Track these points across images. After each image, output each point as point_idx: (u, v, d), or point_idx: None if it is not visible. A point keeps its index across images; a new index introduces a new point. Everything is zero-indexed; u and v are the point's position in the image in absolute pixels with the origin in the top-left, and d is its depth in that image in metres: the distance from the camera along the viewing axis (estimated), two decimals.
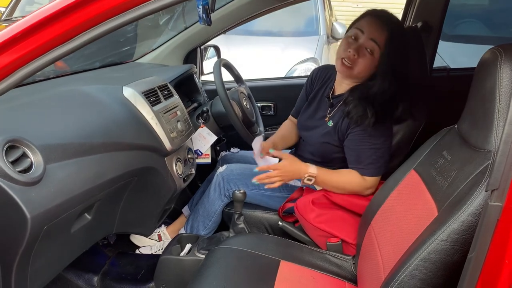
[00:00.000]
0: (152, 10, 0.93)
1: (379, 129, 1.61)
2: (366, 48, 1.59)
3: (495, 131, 0.97)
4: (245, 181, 1.83)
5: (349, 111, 1.61)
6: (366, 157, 1.61)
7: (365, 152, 1.61)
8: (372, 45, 1.58)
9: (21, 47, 0.94)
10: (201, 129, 2.09)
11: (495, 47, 1.02)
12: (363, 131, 1.61)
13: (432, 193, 1.12)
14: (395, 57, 1.59)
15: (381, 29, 1.58)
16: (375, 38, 1.57)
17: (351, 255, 1.52)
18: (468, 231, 0.91)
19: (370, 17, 1.61)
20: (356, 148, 1.63)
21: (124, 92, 1.57)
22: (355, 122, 1.60)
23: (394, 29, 1.59)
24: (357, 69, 1.61)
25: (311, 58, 4.36)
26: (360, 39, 1.60)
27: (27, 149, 1.05)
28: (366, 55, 1.59)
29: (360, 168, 1.63)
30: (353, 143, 1.64)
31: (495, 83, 0.97)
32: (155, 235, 2.03)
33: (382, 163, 1.62)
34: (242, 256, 1.43)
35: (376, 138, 1.61)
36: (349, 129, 1.64)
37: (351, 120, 1.62)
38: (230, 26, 2.32)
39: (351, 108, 1.61)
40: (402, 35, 1.63)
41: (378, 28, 1.58)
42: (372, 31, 1.58)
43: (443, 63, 2.96)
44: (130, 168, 1.44)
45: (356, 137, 1.62)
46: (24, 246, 1.04)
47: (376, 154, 1.61)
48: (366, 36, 1.58)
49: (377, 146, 1.61)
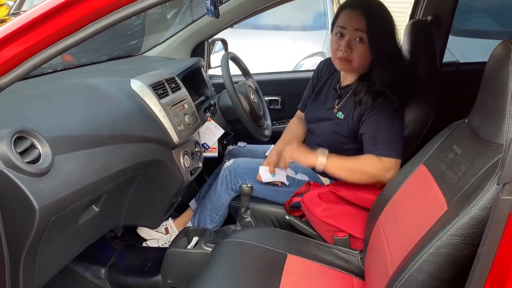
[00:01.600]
0: (159, 2, 0.93)
1: (391, 110, 1.60)
2: (355, 39, 1.62)
3: (507, 125, 0.95)
4: (252, 175, 1.83)
5: (360, 100, 1.63)
6: (382, 138, 1.59)
7: (381, 134, 1.60)
8: (358, 34, 1.62)
9: (28, 38, 0.94)
10: (208, 123, 2.09)
11: (507, 40, 1.01)
12: (376, 114, 1.61)
13: (442, 187, 1.11)
14: (382, 35, 1.62)
15: (359, 17, 1.61)
16: (358, 27, 1.61)
17: (359, 249, 1.51)
18: (479, 225, 0.90)
19: (346, 11, 1.66)
20: (372, 132, 1.62)
21: (132, 85, 1.57)
22: (368, 107, 1.61)
23: (371, 10, 1.63)
24: (356, 62, 1.64)
25: (319, 52, 4.34)
26: (346, 35, 1.64)
27: (35, 140, 1.05)
28: (358, 45, 1.62)
29: (376, 149, 1.60)
30: (368, 128, 1.63)
31: (507, 77, 0.96)
32: (162, 228, 2.03)
33: (398, 146, 1.60)
34: (249, 249, 1.43)
35: (391, 121, 1.60)
36: (362, 116, 1.64)
37: (364, 107, 1.62)
38: (238, 19, 2.31)
39: (362, 96, 1.63)
40: (380, 13, 1.65)
41: (356, 17, 1.62)
42: (353, 23, 1.62)
43: (453, 58, 2.93)
44: (138, 161, 1.44)
45: (371, 121, 1.62)
46: (32, 237, 1.04)
47: (393, 136, 1.59)
48: (350, 29, 1.62)
49: (392, 128, 1.60)
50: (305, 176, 1.85)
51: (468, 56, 3.28)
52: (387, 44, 1.63)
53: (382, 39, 1.62)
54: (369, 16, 1.60)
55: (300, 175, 1.85)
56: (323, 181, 1.85)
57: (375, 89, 1.61)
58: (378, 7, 1.66)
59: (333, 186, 1.69)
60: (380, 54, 1.62)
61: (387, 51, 1.63)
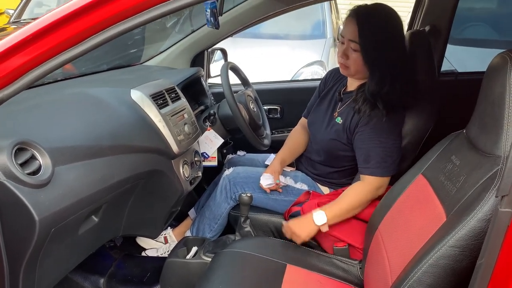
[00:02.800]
0: (160, 15, 0.94)
1: (388, 127, 1.62)
2: (350, 47, 1.66)
3: (505, 136, 0.96)
4: (251, 184, 1.83)
5: (359, 108, 1.65)
6: (375, 155, 1.61)
7: (373, 150, 1.61)
8: (352, 44, 1.65)
9: (31, 49, 0.95)
10: (208, 132, 2.09)
11: (504, 52, 1.02)
12: (371, 129, 1.62)
13: (441, 198, 1.12)
14: (372, 43, 1.63)
15: (352, 26, 1.64)
16: (352, 37, 1.65)
17: (358, 259, 1.51)
18: (478, 237, 0.90)
19: (346, 19, 1.70)
20: (365, 147, 1.64)
21: (132, 95, 1.58)
22: (365, 119, 1.63)
23: (361, 17, 1.64)
24: (353, 69, 1.69)
25: (318, 61, 4.35)
26: (344, 43, 1.69)
27: (35, 152, 1.05)
28: (352, 54, 1.66)
29: (366, 168, 1.62)
30: (361, 142, 1.65)
31: (504, 88, 0.97)
32: (161, 237, 2.03)
33: (390, 162, 1.61)
34: (248, 259, 1.43)
35: (385, 136, 1.62)
36: (357, 126, 1.66)
37: (362, 116, 1.64)
38: (238, 29, 2.32)
39: (360, 104, 1.65)
40: (374, 22, 1.65)
41: (350, 26, 1.65)
42: (348, 32, 1.66)
43: (451, 67, 2.94)
44: (138, 171, 1.44)
45: (365, 135, 1.64)
46: (32, 248, 1.04)
47: (384, 152, 1.61)
48: (346, 39, 1.67)
49: (386, 144, 1.61)
50: (304, 185, 1.85)
51: (466, 64, 3.30)
52: (381, 53, 1.63)
53: (373, 48, 1.62)
54: (361, 26, 1.63)
55: (300, 184, 1.85)
56: (323, 190, 1.85)
57: (371, 98, 1.62)
58: (373, 15, 1.65)
59: (333, 195, 1.70)
60: (373, 63, 1.64)
61: (381, 60, 1.63)
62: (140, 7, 0.92)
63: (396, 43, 1.67)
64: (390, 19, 1.66)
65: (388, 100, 1.61)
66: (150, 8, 0.92)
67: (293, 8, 2.29)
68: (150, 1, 0.92)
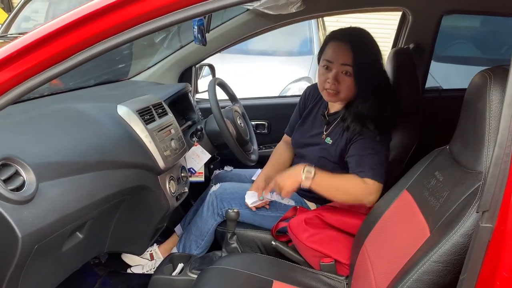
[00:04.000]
0: (147, 32, 0.95)
1: (378, 136, 1.63)
2: (342, 72, 1.66)
3: (486, 153, 0.98)
4: (238, 200, 1.83)
5: (348, 126, 1.66)
6: (368, 161, 1.62)
7: (366, 157, 1.62)
8: (345, 68, 1.65)
9: (17, 65, 0.95)
10: (195, 148, 2.09)
11: (485, 70, 1.04)
12: (365, 139, 1.64)
13: (425, 213, 1.13)
14: (367, 67, 1.65)
15: (345, 51, 1.64)
16: (345, 61, 1.65)
17: (345, 275, 1.51)
18: (460, 252, 0.91)
19: (333, 43, 1.69)
20: (358, 154, 1.64)
21: (119, 110, 1.58)
22: (358, 133, 1.64)
23: (357, 43, 1.66)
24: (343, 94, 1.69)
25: (305, 77, 4.40)
26: (333, 69, 1.67)
27: (19, 167, 1.04)
28: (345, 79, 1.66)
29: (361, 171, 1.61)
30: (355, 151, 1.66)
31: (485, 106, 0.99)
32: (147, 254, 2.00)
33: (382, 171, 1.62)
34: (235, 276, 1.42)
35: (378, 145, 1.63)
36: (350, 141, 1.67)
37: (352, 133, 1.65)
38: (225, 46, 2.34)
39: (349, 122, 1.66)
40: (366, 45, 1.69)
41: (342, 51, 1.65)
42: (340, 57, 1.65)
43: (436, 84, 2.99)
44: (124, 187, 1.43)
45: (358, 144, 1.65)
46: (14, 265, 1.02)
47: (377, 159, 1.62)
48: (337, 64, 1.66)
49: (378, 152, 1.63)
50: (292, 201, 1.85)
51: (451, 81, 3.36)
52: (371, 76, 1.66)
53: (367, 72, 1.65)
54: (355, 49, 1.64)
55: (287, 200, 1.85)
56: (309, 205, 1.85)
57: (360, 118, 1.64)
58: (365, 39, 1.70)
59: (319, 210, 1.70)
60: (364, 86, 1.65)
61: (371, 83, 1.66)
62: (128, 23, 0.93)
63: (381, 65, 1.72)
64: (374, 42, 1.71)
65: (380, 121, 1.63)
66: (137, 25, 0.93)
67: (281, 26, 2.32)
68: (138, 19, 0.93)
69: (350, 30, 1.72)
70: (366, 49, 1.67)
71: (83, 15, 0.92)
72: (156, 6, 0.92)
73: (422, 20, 2.29)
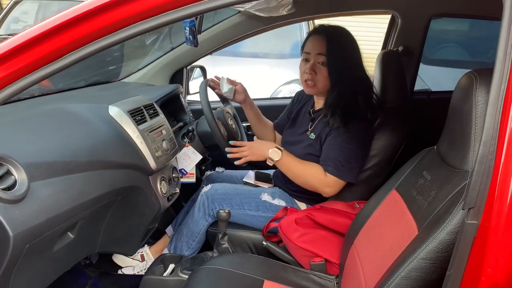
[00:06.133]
0: (138, 32, 0.96)
1: (350, 134, 1.70)
2: (318, 62, 1.75)
3: (472, 152, 1.00)
4: (229, 200, 1.84)
5: (328, 121, 1.74)
6: (334, 155, 1.70)
7: (334, 151, 1.71)
8: (321, 58, 1.75)
9: (9, 64, 0.95)
10: (186, 148, 2.10)
11: (471, 71, 1.07)
12: (337, 135, 1.72)
13: (413, 212, 1.15)
14: (340, 57, 1.74)
15: (321, 41, 1.75)
16: (320, 51, 1.75)
17: (335, 274, 1.53)
18: (447, 249, 0.93)
19: (312, 37, 1.80)
20: (327, 147, 1.74)
21: (110, 111, 1.58)
22: (334, 128, 1.72)
23: (332, 35, 1.77)
24: (320, 84, 1.78)
25: (296, 79, 4.42)
26: (310, 59, 1.77)
27: (11, 167, 1.04)
28: (321, 68, 1.76)
29: (324, 164, 1.72)
30: (326, 144, 1.75)
31: (471, 106, 1.01)
32: (138, 255, 2.00)
33: (347, 168, 1.69)
34: (226, 276, 1.43)
35: (348, 142, 1.70)
36: (327, 136, 1.75)
37: (331, 127, 1.73)
38: (217, 47, 2.35)
39: (328, 117, 1.74)
40: (341, 37, 1.79)
41: (318, 42, 1.76)
42: (316, 47, 1.76)
43: (425, 86, 3.03)
44: (115, 187, 1.43)
45: (331, 138, 1.74)
46: (5, 264, 1.02)
47: (343, 156, 1.70)
48: (313, 54, 1.76)
49: (346, 149, 1.70)
50: (282, 201, 1.87)
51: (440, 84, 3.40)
52: (343, 66, 1.74)
53: (338, 61, 1.74)
54: (329, 40, 1.74)
55: (277, 200, 1.87)
56: (300, 206, 1.87)
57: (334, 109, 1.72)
58: (340, 32, 1.79)
59: (310, 211, 1.71)
60: (335, 75, 1.74)
61: (342, 73, 1.74)
62: (120, 24, 0.94)
63: (357, 62, 1.79)
64: (352, 40, 1.80)
65: (346, 112, 1.70)
66: (128, 26, 0.94)
67: (272, 28, 2.33)
68: (130, 20, 0.94)
69: (328, 26, 1.82)
70: (339, 41, 1.77)
71: (76, 15, 0.93)
72: (148, 6, 0.93)
73: (411, 23, 2.32)
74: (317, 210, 1.68)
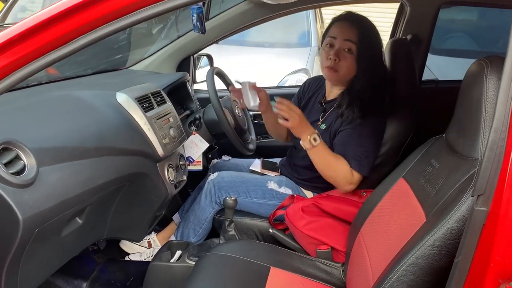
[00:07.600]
0: (144, 18, 0.95)
1: (367, 129, 1.66)
2: (344, 49, 1.69)
3: (481, 139, 0.99)
4: (236, 188, 1.84)
5: (342, 112, 1.69)
6: (352, 152, 1.65)
7: (351, 148, 1.66)
8: (348, 44, 1.68)
9: (16, 50, 0.95)
10: (193, 136, 2.10)
11: (481, 58, 1.06)
12: (352, 129, 1.67)
13: (421, 200, 1.14)
14: (370, 49, 1.69)
15: (351, 29, 1.68)
16: (349, 37, 1.68)
17: (341, 262, 1.53)
18: (455, 236, 0.93)
19: (338, 22, 1.73)
20: (343, 143, 1.68)
21: (118, 98, 1.58)
22: (348, 121, 1.67)
23: (363, 24, 1.70)
24: (342, 71, 1.71)
25: (303, 69, 4.40)
26: (335, 44, 1.70)
27: (20, 152, 1.05)
28: (347, 56, 1.69)
29: (349, 159, 1.65)
30: (341, 140, 1.70)
31: (481, 93, 1.00)
32: (145, 242, 2.02)
33: (366, 163, 1.65)
34: (232, 262, 1.44)
35: (364, 137, 1.66)
36: (340, 127, 1.70)
37: (345, 120, 1.68)
38: (224, 35, 2.34)
39: (344, 109, 1.69)
40: (371, 28, 1.73)
41: (348, 28, 1.69)
42: (344, 33, 1.69)
43: (432, 76, 3.01)
44: (123, 173, 1.44)
45: (345, 134, 1.69)
46: (15, 248, 1.03)
47: (361, 151, 1.65)
48: (340, 40, 1.69)
49: (363, 144, 1.66)
50: (289, 189, 1.87)
51: (447, 74, 3.38)
52: (373, 58, 1.70)
53: (369, 52, 1.69)
54: (360, 28, 1.68)
55: (284, 189, 1.87)
56: (306, 194, 1.87)
57: (355, 102, 1.66)
58: (369, 23, 1.74)
59: (316, 199, 1.72)
60: (364, 66, 1.68)
61: (371, 64, 1.69)
62: (127, 9, 0.93)
63: (381, 54, 1.75)
64: (377, 30, 1.74)
65: (364, 106, 1.66)
66: (137, 10, 0.94)
67: (279, 15, 2.32)
68: (137, 4, 0.93)
69: (357, 14, 1.75)
70: (369, 31, 1.71)
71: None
72: None
73: (419, 11, 2.30)
74: (324, 198, 1.68)
